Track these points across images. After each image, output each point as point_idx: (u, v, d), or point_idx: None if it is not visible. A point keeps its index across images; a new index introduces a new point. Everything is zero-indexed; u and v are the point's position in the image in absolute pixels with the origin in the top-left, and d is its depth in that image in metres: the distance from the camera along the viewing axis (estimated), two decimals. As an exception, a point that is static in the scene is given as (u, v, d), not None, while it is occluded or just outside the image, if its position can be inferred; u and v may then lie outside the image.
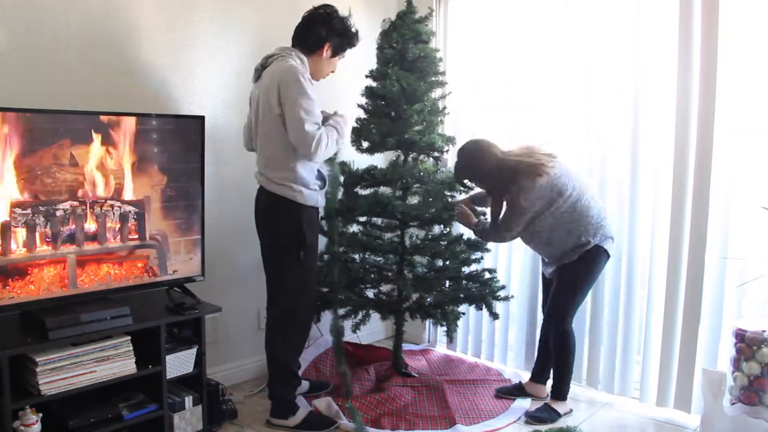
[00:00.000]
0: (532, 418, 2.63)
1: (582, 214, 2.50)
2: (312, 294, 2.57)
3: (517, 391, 2.87)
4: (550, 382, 2.84)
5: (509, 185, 2.49)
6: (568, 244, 2.54)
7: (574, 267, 2.55)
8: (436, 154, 2.92)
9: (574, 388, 2.80)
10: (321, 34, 2.37)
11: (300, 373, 2.72)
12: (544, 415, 2.63)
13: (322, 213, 2.65)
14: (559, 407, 2.67)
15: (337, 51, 2.44)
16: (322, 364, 3.10)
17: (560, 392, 2.69)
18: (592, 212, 2.51)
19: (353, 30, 2.44)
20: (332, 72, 2.53)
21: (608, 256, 2.58)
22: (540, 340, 2.87)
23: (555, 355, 2.68)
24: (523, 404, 2.78)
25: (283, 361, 2.50)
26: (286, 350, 2.51)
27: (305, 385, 2.83)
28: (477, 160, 2.54)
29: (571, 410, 2.70)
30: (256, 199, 2.49)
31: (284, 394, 2.53)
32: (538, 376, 2.86)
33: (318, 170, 2.46)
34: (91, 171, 2.14)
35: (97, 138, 2.14)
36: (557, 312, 2.62)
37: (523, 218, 2.50)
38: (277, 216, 2.39)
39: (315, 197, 2.42)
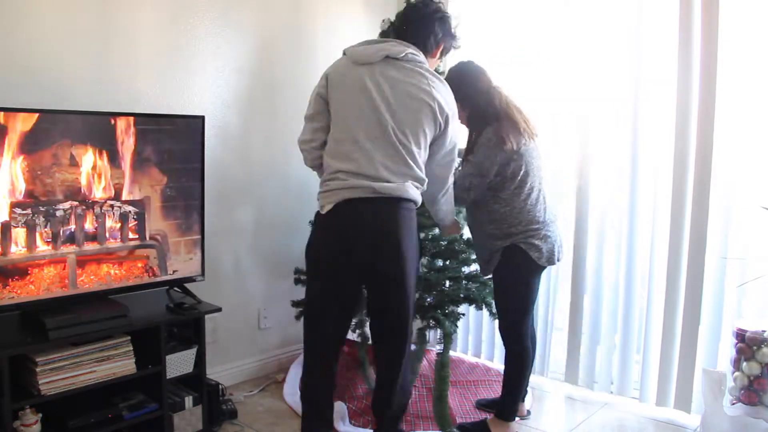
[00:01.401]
0: (462, 430, 2.44)
1: (512, 213, 2.27)
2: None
3: (495, 404, 2.60)
4: (528, 399, 2.73)
5: (483, 127, 2.26)
6: (487, 242, 2.34)
7: (499, 272, 2.36)
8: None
9: (574, 388, 2.80)
10: (434, 31, 2.06)
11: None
12: (474, 430, 2.44)
13: None
14: (498, 429, 2.42)
15: (443, 55, 2.16)
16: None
17: (505, 413, 2.45)
18: (523, 217, 2.27)
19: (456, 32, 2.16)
20: None
21: (533, 261, 2.28)
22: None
23: (506, 371, 2.44)
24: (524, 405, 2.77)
25: (410, 390, 2.25)
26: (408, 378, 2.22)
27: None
28: (467, 77, 2.30)
29: None
30: (357, 213, 1.92)
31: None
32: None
33: None
34: (91, 171, 2.14)
35: (97, 138, 2.14)
36: (503, 322, 2.43)
37: (482, 181, 2.23)
38: (410, 227, 1.97)
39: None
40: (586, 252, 2.90)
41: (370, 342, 2.57)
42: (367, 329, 2.80)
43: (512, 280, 2.36)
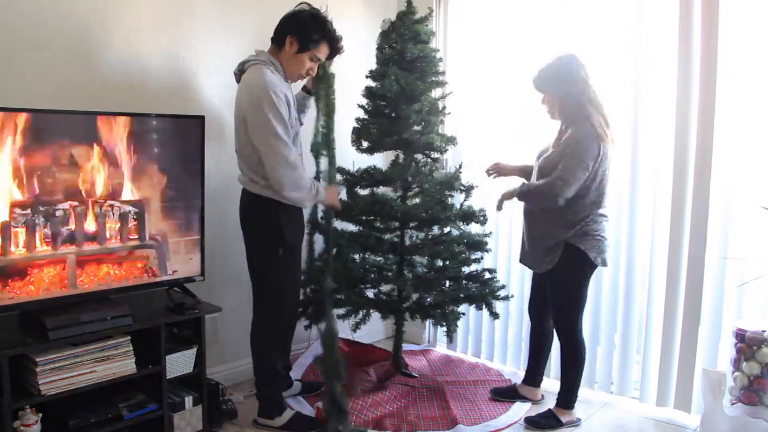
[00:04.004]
0: (531, 423, 2.58)
1: (587, 207, 2.41)
2: (294, 294, 2.56)
3: (511, 393, 2.85)
4: (543, 385, 2.83)
5: (578, 121, 2.37)
6: (551, 224, 2.46)
7: (556, 273, 2.48)
8: (434, 154, 2.92)
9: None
10: (284, 26, 2.31)
11: (293, 375, 2.70)
12: (544, 421, 2.57)
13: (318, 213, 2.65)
14: (563, 416, 2.58)
15: (305, 46, 2.28)
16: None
17: (566, 401, 2.60)
18: (592, 210, 2.42)
19: (322, 24, 2.30)
20: (308, 74, 2.38)
21: (591, 261, 2.44)
22: (530, 343, 2.84)
23: (563, 362, 2.59)
24: (524, 405, 2.78)
25: (267, 361, 2.50)
26: (270, 350, 2.50)
27: (297, 386, 2.84)
28: (573, 68, 2.39)
29: (578, 419, 2.62)
30: (240, 200, 2.46)
31: (270, 393, 2.53)
32: (530, 379, 2.83)
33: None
34: (90, 171, 2.14)
35: (96, 138, 2.14)
36: (564, 321, 2.54)
37: (584, 174, 2.34)
38: (257, 216, 2.38)
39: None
40: (586, 252, 2.90)
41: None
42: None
43: (573, 280, 2.48)
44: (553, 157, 2.46)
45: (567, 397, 2.59)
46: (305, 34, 2.28)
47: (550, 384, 2.95)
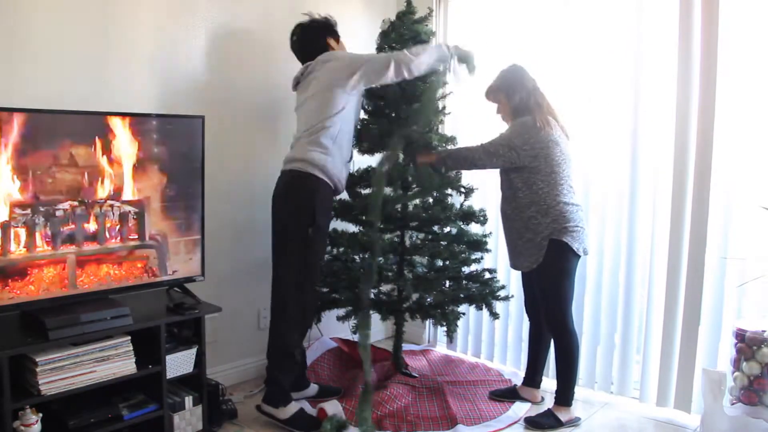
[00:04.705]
0: (530, 423, 2.57)
1: (550, 194, 2.47)
2: (316, 279, 2.57)
3: (511, 394, 2.84)
4: (544, 386, 2.83)
5: (522, 115, 2.54)
6: (530, 226, 2.50)
7: (544, 268, 2.50)
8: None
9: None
10: (315, 35, 2.63)
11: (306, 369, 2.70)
12: (544, 420, 2.56)
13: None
14: (562, 414, 2.57)
15: (336, 35, 2.68)
16: (320, 368, 3.07)
17: (563, 398, 2.59)
18: (560, 200, 2.47)
19: (332, 20, 2.69)
20: None
21: (575, 252, 2.49)
22: (529, 344, 2.85)
23: (557, 359, 2.60)
24: (524, 405, 2.77)
25: (287, 344, 2.49)
26: (291, 333, 2.51)
27: (314, 388, 2.80)
28: (520, 75, 2.58)
29: (578, 419, 2.61)
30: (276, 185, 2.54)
31: (281, 379, 2.51)
32: (530, 380, 2.83)
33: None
34: (90, 171, 2.14)
35: (96, 138, 2.14)
36: (552, 316, 2.56)
37: (508, 154, 2.48)
38: (294, 194, 2.45)
39: (334, 176, 2.47)
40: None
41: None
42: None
43: (560, 273, 2.52)
44: None
45: (564, 393, 2.58)
46: (332, 29, 2.67)
47: (550, 384, 2.95)
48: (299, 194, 2.43)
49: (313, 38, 2.62)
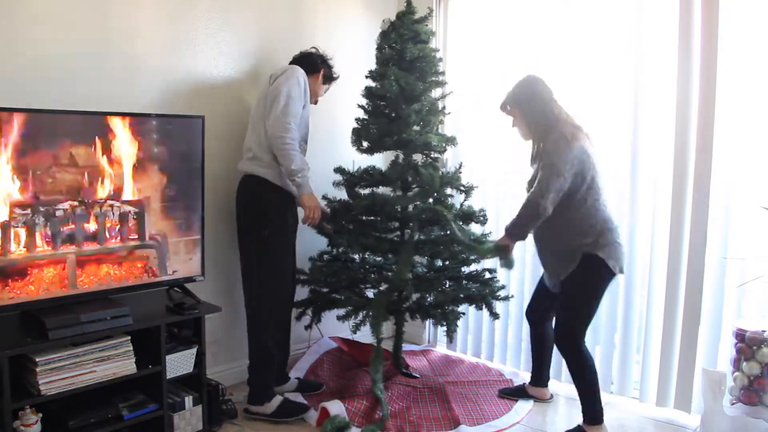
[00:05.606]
0: None
1: (583, 207, 2.35)
2: (285, 280, 2.67)
3: (520, 392, 2.86)
4: (551, 383, 2.85)
5: (548, 133, 2.37)
6: (562, 240, 2.39)
7: (572, 279, 2.39)
8: (433, 154, 2.91)
9: (574, 388, 2.78)
10: (317, 61, 2.75)
11: (289, 372, 2.75)
12: None
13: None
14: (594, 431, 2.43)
15: (326, 79, 2.80)
16: (320, 369, 3.08)
17: (591, 416, 2.43)
18: (594, 213, 2.35)
19: (332, 67, 2.84)
20: (320, 97, 2.83)
21: (610, 270, 2.35)
22: (531, 345, 2.83)
23: (573, 377, 2.47)
24: (526, 406, 2.78)
25: (259, 341, 2.58)
26: (262, 330, 2.59)
27: (293, 383, 2.85)
28: (536, 86, 2.44)
29: None
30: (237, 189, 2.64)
31: (262, 376, 2.59)
32: (537, 379, 2.84)
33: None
34: (90, 171, 2.14)
35: (97, 138, 2.14)
36: (564, 330, 2.45)
37: (558, 181, 2.28)
38: (248, 195, 2.57)
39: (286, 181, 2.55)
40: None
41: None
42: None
43: (587, 289, 2.40)
44: (535, 175, 2.43)
45: (589, 411, 2.44)
46: (329, 73, 2.81)
47: (558, 385, 2.97)
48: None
49: (311, 56, 2.77)
